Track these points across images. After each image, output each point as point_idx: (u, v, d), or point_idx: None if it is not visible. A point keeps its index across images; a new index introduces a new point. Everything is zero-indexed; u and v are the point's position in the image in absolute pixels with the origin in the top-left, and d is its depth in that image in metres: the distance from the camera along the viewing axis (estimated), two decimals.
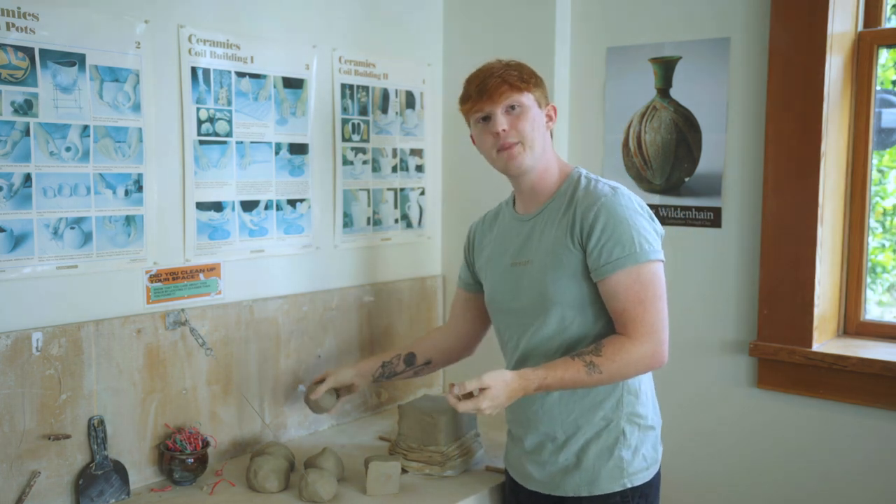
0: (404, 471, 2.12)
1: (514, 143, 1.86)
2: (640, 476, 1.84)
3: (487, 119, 1.89)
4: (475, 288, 2.11)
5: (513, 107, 1.87)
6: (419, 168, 2.77)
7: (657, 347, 1.77)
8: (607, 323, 1.82)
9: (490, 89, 1.87)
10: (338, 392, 2.20)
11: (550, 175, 1.92)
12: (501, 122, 1.86)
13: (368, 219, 2.61)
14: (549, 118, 1.94)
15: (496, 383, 1.71)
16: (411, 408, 2.21)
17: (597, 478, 1.83)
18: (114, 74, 1.95)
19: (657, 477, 1.91)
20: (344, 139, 2.51)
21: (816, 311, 2.28)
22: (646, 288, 1.76)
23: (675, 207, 2.50)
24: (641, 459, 1.85)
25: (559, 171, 1.93)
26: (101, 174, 1.95)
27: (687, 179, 2.47)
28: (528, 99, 1.88)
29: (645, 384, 1.89)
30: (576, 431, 1.85)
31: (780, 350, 2.31)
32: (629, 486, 1.83)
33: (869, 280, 2.41)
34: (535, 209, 1.92)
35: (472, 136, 1.97)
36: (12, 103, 1.79)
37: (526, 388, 1.74)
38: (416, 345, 2.23)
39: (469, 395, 1.71)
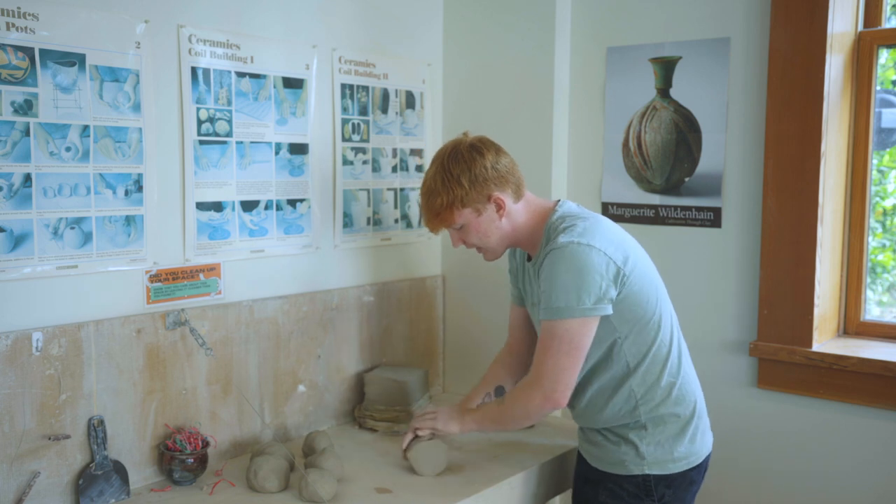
0: (373, 430, 2.42)
1: (477, 248, 2.04)
2: (663, 466, 1.92)
3: None
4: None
5: (456, 228, 2.00)
6: (419, 168, 2.77)
7: (547, 394, 1.88)
8: (610, 354, 1.93)
9: (427, 221, 2.03)
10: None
11: (532, 232, 2.01)
12: (455, 240, 2.05)
13: (368, 219, 2.61)
14: (499, 207, 1.97)
15: (445, 408, 2.12)
16: (376, 375, 2.50)
17: (622, 461, 1.95)
18: (114, 74, 1.95)
19: (694, 471, 1.96)
20: (344, 139, 2.51)
21: (816, 311, 2.28)
22: (552, 339, 1.86)
23: (675, 207, 2.50)
24: (667, 452, 1.92)
25: (542, 219, 2.00)
26: (101, 174, 1.95)
27: (687, 179, 2.47)
28: (462, 217, 1.97)
29: (663, 387, 1.93)
30: (609, 430, 1.98)
31: (780, 350, 2.31)
32: (650, 473, 1.92)
33: (869, 280, 2.41)
34: (534, 256, 2.02)
35: None
36: (12, 103, 1.79)
37: (464, 418, 2.06)
38: (496, 374, 2.25)
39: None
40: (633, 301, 1.88)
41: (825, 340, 2.34)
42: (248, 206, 2.27)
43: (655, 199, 2.53)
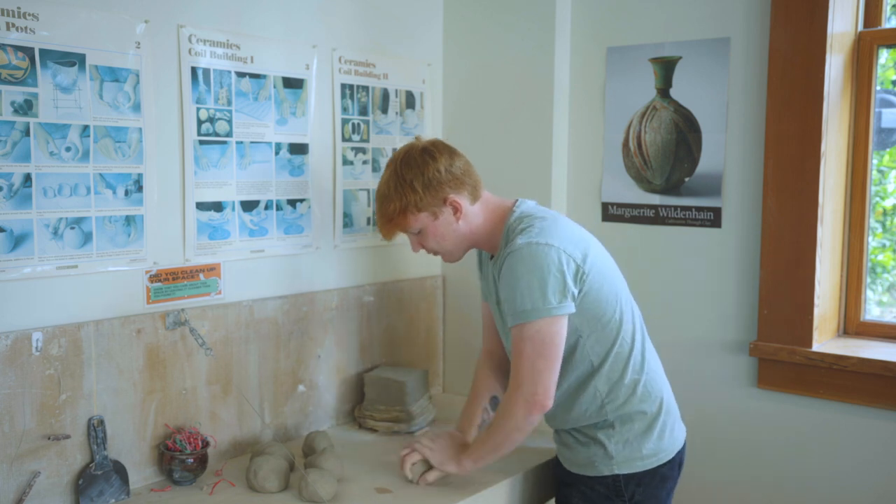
0: (373, 430, 2.43)
1: (434, 253, 2.03)
2: (632, 465, 1.91)
3: None
4: None
5: (413, 232, 1.99)
6: None
7: (528, 399, 1.85)
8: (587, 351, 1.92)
9: (382, 227, 2.01)
10: None
11: (491, 232, 1.99)
12: (413, 244, 2.04)
13: (368, 219, 2.61)
14: (456, 210, 1.96)
15: (447, 440, 2.03)
16: (376, 375, 2.48)
17: (591, 462, 1.94)
18: (114, 74, 1.95)
19: (665, 467, 1.94)
20: (344, 139, 2.51)
21: (816, 311, 2.28)
22: (523, 343, 1.84)
23: (675, 207, 2.50)
24: (635, 450, 1.91)
25: (500, 219, 1.98)
26: (101, 174, 1.95)
27: (687, 179, 2.47)
28: (418, 221, 1.97)
29: (627, 384, 1.92)
30: (576, 429, 1.98)
31: (780, 350, 2.31)
32: (619, 472, 1.91)
33: (869, 280, 2.41)
34: (495, 255, 2.00)
35: None
36: (12, 103, 1.79)
37: (460, 463, 1.98)
38: (485, 384, 2.22)
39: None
40: (593, 298, 1.88)
41: (825, 340, 2.34)
42: (248, 206, 2.27)
43: (655, 199, 2.53)
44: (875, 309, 2.44)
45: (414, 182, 1.92)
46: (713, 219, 2.43)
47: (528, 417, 1.87)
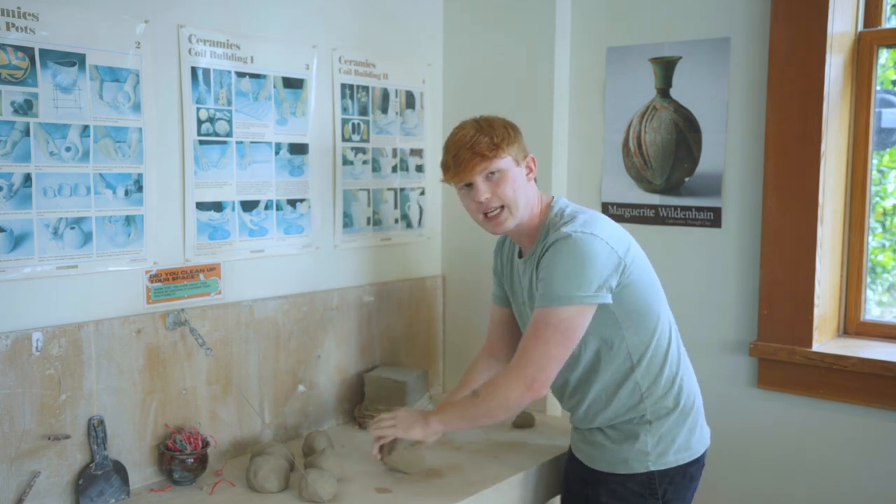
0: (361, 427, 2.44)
1: (499, 210, 1.94)
2: (664, 460, 1.93)
3: (470, 185, 1.95)
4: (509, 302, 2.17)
5: (492, 172, 1.93)
6: (419, 168, 2.77)
7: (529, 383, 1.85)
8: (619, 344, 1.92)
9: (464, 163, 1.93)
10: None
11: (533, 218, 1.99)
12: (483, 190, 1.93)
13: (368, 219, 2.61)
14: (530, 170, 1.99)
15: (405, 412, 2.05)
16: (376, 376, 2.49)
17: (625, 459, 1.94)
18: (114, 74, 1.95)
19: (693, 467, 1.97)
20: (344, 139, 2.51)
21: (816, 311, 2.28)
22: (545, 327, 1.84)
23: (675, 207, 2.50)
24: (668, 444, 1.93)
25: (541, 212, 2.00)
26: (101, 174, 1.95)
27: (687, 179, 2.47)
28: (504, 162, 1.93)
29: (666, 379, 1.94)
30: (612, 426, 1.97)
31: (780, 350, 2.31)
32: (653, 469, 1.92)
33: (869, 280, 2.41)
34: (528, 251, 2.01)
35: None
36: (12, 103, 1.79)
37: (428, 420, 1.98)
38: (475, 378, 2.20)
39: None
40: (634, 291, 1.89)
41: (825, 340, 2.34)
42: (248, 206, 2.27)
43: (655, 199, 2.53)
44: (875, 309, 2.44)
45: (506, 127, 1.97)
46: (713, 219, 2.43)
47: (521, 400, 1.87)
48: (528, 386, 1.85)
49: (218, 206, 2.20)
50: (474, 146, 1.92)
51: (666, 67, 2.49)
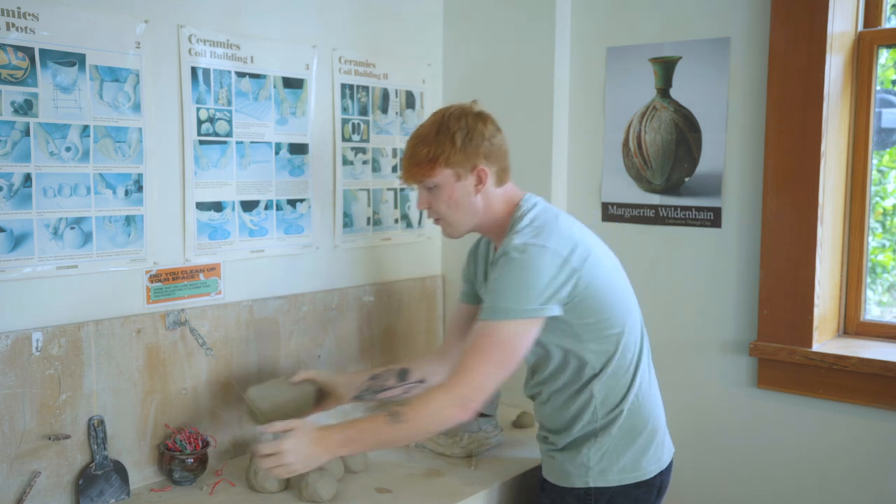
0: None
1: (438, 219, 1.95)
2: (606, 477, 1.85)
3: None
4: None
5: (429, 187, 1.90)
6: None
7: (465, 403, 1.75)
8: (581, 351, 1.86)
9: (404, 170, 1.93)
10: (319, 395, 2.10)
11: (499, 222, 1.93)
12: (422, 200, 1.94)
13: (368, 219, 2.61)
14: (479, 181, 1.89)
15: (294, 442, 1.76)
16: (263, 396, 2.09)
17: (567, 471, 1.89)
18: (114, 74, 1.95)
19: (640, 489, 1.87)
20: (344, 139, 2.51)
21: (816, 311, 2.28)
22: (489, 344, 1.76)
23: (675, 207, 2.50)
24: (611, 461, 1.85)
25: (506, 215, 1.92)
26: (101, 174, 1.95)
27: (687, 179, 2.47)
28: (439, 178, 1.88)
29: (622, 394, 1.86)
30: (560, 432, 1.91)
31: (780, 350, 2.31)
32: (592, 485, 1.86)
33: (869, 280, 2.41)
34: (500, 247, 1.92)
35: None
36: (12, 103, 1.79)
37: (327, 445, 1.77)
38: (411, 362, 2.19)
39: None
40: (593, 303, 1.81)
41: (825, 340, 2.34)
42: (248, 206, 2.27)
43: (655, 199, 2.53)
44: (875, 309, 2.44)
45: (456, 135, 1.87)
46: (713, 219, 2.43)
47: (452, 420, 1.77)
48: (462, 406, 1.75)
49: (218, 206, 2.20)
50: (413, 156, 1.90)
51: (666, 67, 2.49)
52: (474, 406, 1.76)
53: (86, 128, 1.91)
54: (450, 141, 1.87)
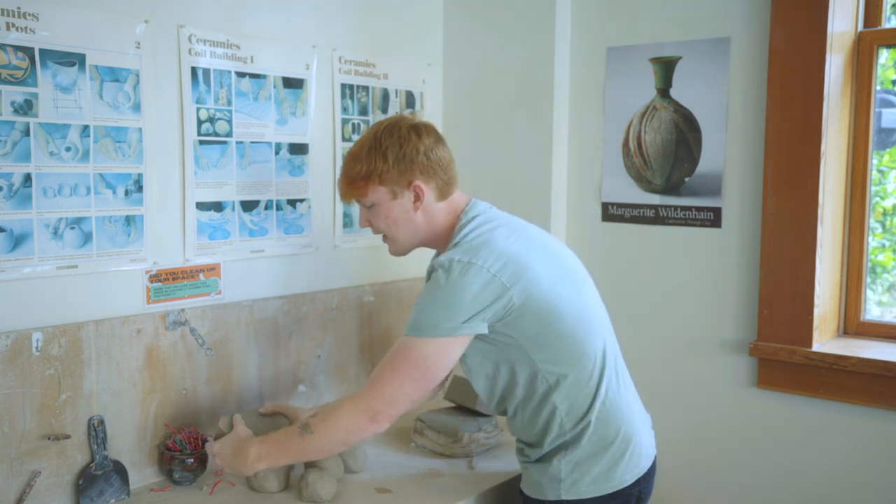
0: None
1: (382, 236, 1.93)
2: (578, 489, 1.78)
3: None
4: None
5: (367, 205, 1.87)
6: None
7: (375, 416, 1.74)
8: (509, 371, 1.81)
9: (339, 188, 1.91)
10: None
11: (444, 235, 1.88)
12: (362, 218, 1.92)
13: None
14: (417, 198, 1.84)
15: (220, 447, 1.93)
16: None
17: (539, 483, 1.82)
18: (114, 74, 1.95)
19: (614, 497, 1.79)
20: (344, 139, 2.51)
21: (816, 311, 2.28)
22: (405, 361, 1.73)
23: (675, 207, 2.50)
24: (583, 472, 1.78)
25: (450, 228, 1.87)
26: (101, 174, 1.95)
27: (687, 179, 2.47)
28: (375, 197, 1.85)
29: (587, 406, 1.78)
30: (534, 445, 1.84)
31: (780, 350, 2.31)
32: (565, 498, 1.78)
33: (869, 280, 2.41)
34: None
35: None
36: (12, 103, 1.79)
37: (244, 459, 1.86)
38: None
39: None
40: (535, 318, 1.73)
41: (825, 340, 2.34)
42: (248, 206, 2.27)
43: (655, 199, 2.53)
44: (875, 309, 2.44)
45: (388, 151, 1.81)
46: (713, 219, 2.43)
47: (362, 433, 1.76)
48: (371, 418, 1.73)
49: (218, 206, 2.20)
50: (348, 173, 1.86)
51: (666, 67, 2.49)
52: (383, 419, 1.74)
53: (86, 128, 1.91)
54: (381, 158, 1.81)
